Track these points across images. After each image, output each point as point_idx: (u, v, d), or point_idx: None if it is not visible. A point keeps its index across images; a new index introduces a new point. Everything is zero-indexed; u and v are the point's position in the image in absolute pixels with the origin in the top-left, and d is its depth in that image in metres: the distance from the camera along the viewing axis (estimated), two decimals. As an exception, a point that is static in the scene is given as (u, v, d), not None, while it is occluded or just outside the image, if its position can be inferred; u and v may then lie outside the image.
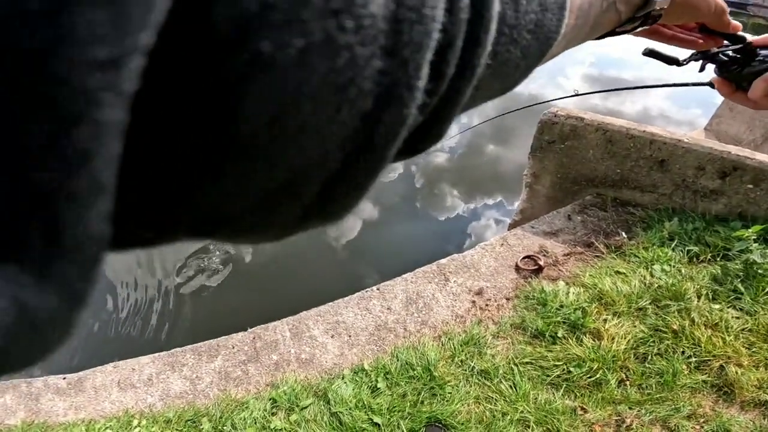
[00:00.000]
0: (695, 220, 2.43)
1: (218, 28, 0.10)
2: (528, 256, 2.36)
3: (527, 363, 1.92)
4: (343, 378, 1.97)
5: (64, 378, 2.04)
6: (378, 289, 2.29)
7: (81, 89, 0.08)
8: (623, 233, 2.41)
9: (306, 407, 1.88)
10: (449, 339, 2.04)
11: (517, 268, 2.32)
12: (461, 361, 1.96)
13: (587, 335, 1.96)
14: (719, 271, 2.16)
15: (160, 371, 2.04)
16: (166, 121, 0.11)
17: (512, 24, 0.20)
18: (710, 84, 0.53)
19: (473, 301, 2.21)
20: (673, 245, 2.31)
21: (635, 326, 1.98)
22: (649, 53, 0.53)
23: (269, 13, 0.11)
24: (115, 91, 0.08)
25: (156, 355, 2.10)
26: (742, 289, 2.04)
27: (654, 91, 5.76)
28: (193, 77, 0.11)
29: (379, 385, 1.91)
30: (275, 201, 0.14)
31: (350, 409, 1.84)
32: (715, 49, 0.48)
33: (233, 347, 2.13)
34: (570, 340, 1.95)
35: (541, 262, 2.28)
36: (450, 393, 1.86)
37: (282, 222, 0.16)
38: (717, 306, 2.02)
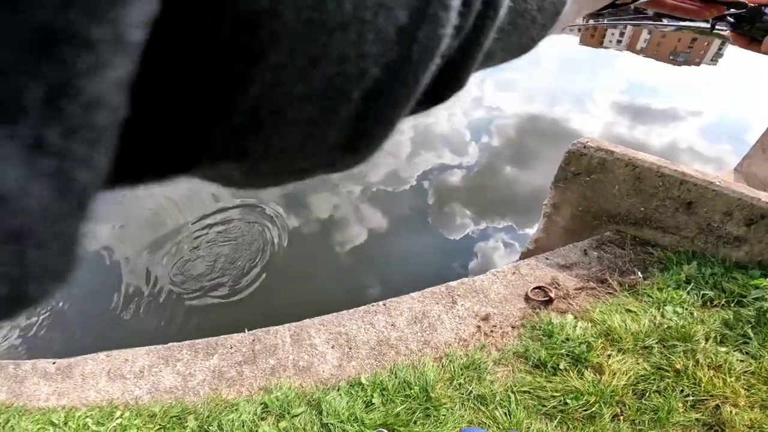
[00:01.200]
0: (714, 266, 2.35)
1: None
2: (539, 287, 2.30)
3: (525, 392, 1.87)
4: (338, 390, 1.94)
5: (54, 363, 2.04)
6: (385, 304, 2.26)
7: None
8: (639, 272, 2.34)
9: (297, 415, 1.85)
10: (450, 361, 1.99)
11: (527, 298, 2.27)
12: (459, 384, 1.91)
13: (589, 369, 1.90)
14: (731, 316, 2.10)
15: (153, 364, 2.03)
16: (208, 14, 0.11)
17: None
18: (725, 38, 0.61)
19: (478, 326, 2.16)
20: (688, 288, 2.24)
21: (638, 363, 1.91)
22: None
23: None
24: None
25: (152, 347, 2.09)
26: (752, 335, 2.00)
27: (684, 125, 5.65)
28: None
29: (374, 401, 1.88)
30: (316, 109, 0.14)
31: (342, 422, 1.80)
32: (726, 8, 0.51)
33: (231, 347, 2.11)
34: (571, 373, 1.89)
35: (552, 294, 2.22)
36: (444, 415, 1.81)
37: (318, 145, 0.15)
38: (724, 349, 1.97)
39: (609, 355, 1.95)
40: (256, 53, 0.12)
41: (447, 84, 0.19)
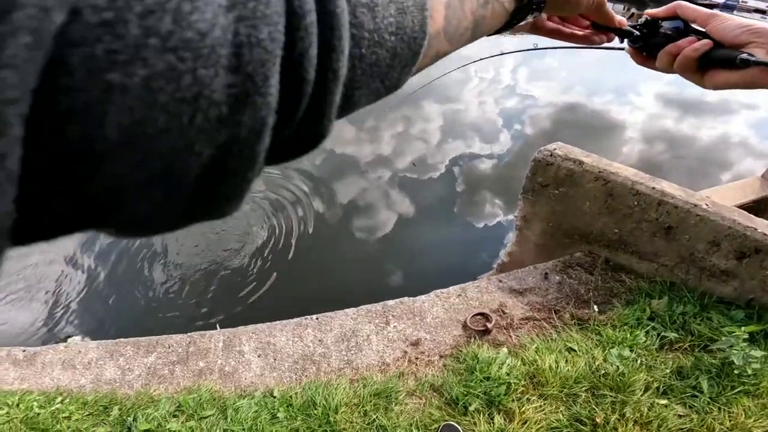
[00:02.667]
0: (688, 303, 2.07)
1: (74, 68, 0.14)
2: (481, 314, 2.17)
3: (428, 429, 1.80)
4: (252, 398, 1.99)
5: (24, 350, 2.29)
6: (317, 318, 2.26)
7: (3, 117, 0.12)
8: (595, 306, 2.11)
9: (205, 417, 1.93)
10: (364, 386, 1.97)
11: (465, 326, 2.15)
12: (365, 411, 1.88)
13: (501, 413, 1.79)
14: (689, 363, 1.88)
15: (100, 357, 2.21)
16: (48, 135, 0.15)
17: (371, 29, 0.24)
18: (623, 50, 0.57)
19: (405, 351, 2.10)
20: (648, 327, 2.00)
21: (556, 412, 1.77)
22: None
23: (115, 56, 0.14)
24: (20, 117, 0.13)
25: (102, 341, 2.28)
26: (705, 387, 1.80)
27: (737, 118, 4.91)
28: (64, 102, 0.14)
29: (279, 415, 1.91)
30: (156, 188, 0.17)
31: (243, 429, 1.86)
32: (627, 25, 0.52)
33: (169, 347, 2.24)
34: (481, 416, 1.79)
35: (489, 324, 2.08)
36: (341, 442, 1.80)
37: (168, 211, 0.19)
38: (663, 401, 1.79)
39: (527, 400, 1.82)
40: (94, 162, 0.15)
41: (307, 137, 0.23)
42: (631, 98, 5.19)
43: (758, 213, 2.28)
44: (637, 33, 0.52)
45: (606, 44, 0.56)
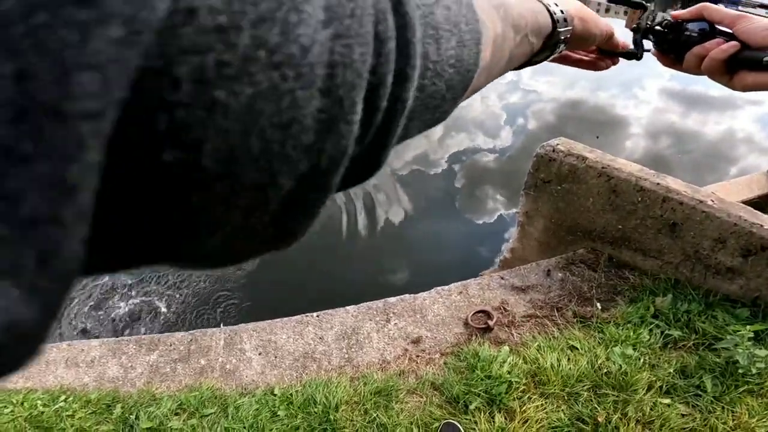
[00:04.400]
0: (693, 301, 2.04)
1: (181, 80, 0.12)
2: (482, 311, 2.16)
3: (428, 427, 1.79)
4: (253, 396, 1.99)
5: (28, 347, 2.30)
6: (317, 316, 2.26)
7: (75, 135, 0.10)
8: (598, 304, 2.09)
9: (207, 415, 1.93)
10: (364, 384, 1.96)
11: (466, 323, 2.14)
12: (365, 410, 1.88)
13: (502, 412, 1.78)
14: (693, 362, 1.86)
15: (103, 355, 2.22)
16: (142, 159, 0.13)
17: (435, 60, 0.23)
18: (649, 51, 0.57)
19: (406, 349, 2.09)
20: (652, 326, 1.97)
21: (558, 411, 1.75)
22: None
23: (223, 69, 0.13)
24: (99, 137, 0.11)
25: (105, 339, 2.29)
26: (709, 386, 1.77)
27: (742, 113, 4.86)
28: (163, 121, 0.12)
29: (279, 413, 1.91)
30: (230, 223, 0.16)
31: (244, 427, 1.86)
32: (649, 24, 0.53)
33: (171, 345, 2.24)
34: (482, 414, 1.78)
35: (491, 322, 2.07)
36: (341, 440, 1.80)
37: (238, 246, 0.18)
38: (666, 400, 1.77)
39: (528, 398, 1.81)
40: (182, 195, 0.14)
41: (366, 166, 0.22)
42: (635, 92, 5.14)
43: (764, 209, 2.25)
44: (637, 51, 0.54)
45: (632, 48, 0.56)
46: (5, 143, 0.09)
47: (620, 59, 0.56)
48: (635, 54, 0.54)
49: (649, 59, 0.57)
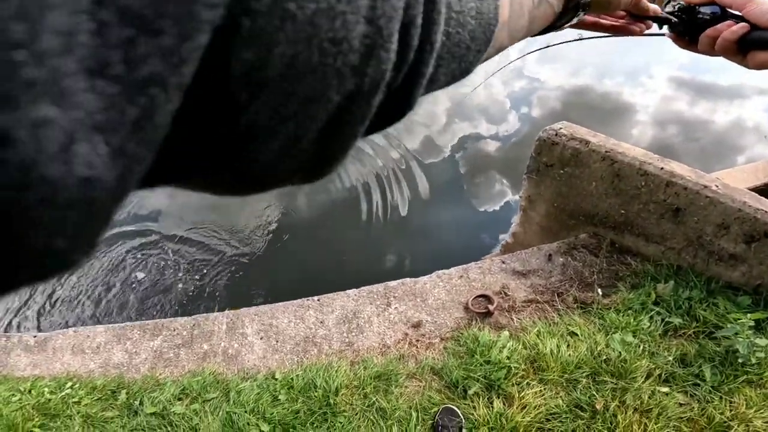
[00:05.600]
0: (695, 288, 2.03)
1: None
2: (483, 296, 2.15)
3: (427, 412, 1.80)
4: (255, 380, 2.01)
5: (35, 336, 2.32)
6: (318, 300, 2.27)
7: (198, 19, 0.13)
8: (599, 290, 2.08)
9: (209, 400, 1.96)
10: (364, 368, 1.97)
11: (467, 307, 2.14)
12: (365, 394, 1.89)
13: (500, 398, 1.78)
14: (693, 351, 1.84)
15: (108, 341, 2.25)
16: (225, 58, 0.15)
17: (458, 10, 0.26)
18: (664, 35, 0.59)
19: (406, 333, 2.09)
20: (653, 312, 1.96)
21: (556, 398, 1.76)
22: None
23: None
24: (211, 23, 0.13)
25: (110, 326, 2.31)
26: (708, 375, 1.76)
27: (750, 102, 4.77)
28: (246, 25, 0.15)
29: (280, 397, 1.93)
30: (285, 133, 0.19)
31: (246, 411, 1.88)
32: (665, 12, 0.55)
33: (174, 330, 2.26)
34: (480, 399, 1.79)
35: (491, 307, 2.07)
36: (341, 423, 1.82)
37: (287, 162, 0.20)
38: (665, 389, 1.76)
39: (527, 384, 1.81)
40: (255, 93, 0.16)
41: (398, 106, 0.24)
42: (642, 81, 5.05)
43: (770, 196, 2.21)
44: (674, 19, 0.55)
45: (648, 32, 0.58)
46: (143, 14, 0.11)
47: (653, 24, 0.57)
48: (668, 20, 0.55)
49: (660, 47, 0.57)
